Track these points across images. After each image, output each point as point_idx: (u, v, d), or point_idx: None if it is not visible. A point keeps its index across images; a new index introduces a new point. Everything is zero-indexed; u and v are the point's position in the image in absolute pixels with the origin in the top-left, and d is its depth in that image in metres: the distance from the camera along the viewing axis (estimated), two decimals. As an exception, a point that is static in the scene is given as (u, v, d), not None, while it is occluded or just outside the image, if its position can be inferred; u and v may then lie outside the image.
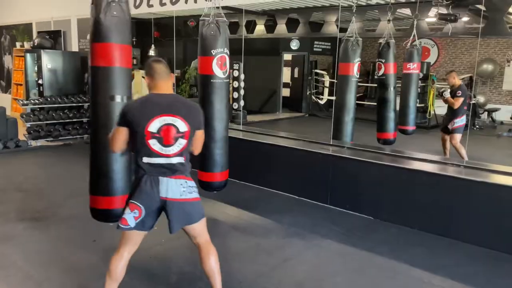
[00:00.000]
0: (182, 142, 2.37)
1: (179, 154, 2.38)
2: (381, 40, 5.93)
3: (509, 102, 11.38)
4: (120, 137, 2.38)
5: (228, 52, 4.07)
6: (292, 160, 5.00)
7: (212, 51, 3.99)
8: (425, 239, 3.86)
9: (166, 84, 2.45)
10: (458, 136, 5.90)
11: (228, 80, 4.24)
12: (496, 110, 10.55)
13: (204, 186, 4.29)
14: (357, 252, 3.57)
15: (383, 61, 5.97)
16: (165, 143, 2.33)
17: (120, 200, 2.97)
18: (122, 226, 2.36)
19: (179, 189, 2.36)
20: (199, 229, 2.50)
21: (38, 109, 7.47)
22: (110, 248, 3.43)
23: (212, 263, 2.52)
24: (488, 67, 11.52)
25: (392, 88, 6.07)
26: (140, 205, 2.33)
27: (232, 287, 2.92)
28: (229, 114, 8.68)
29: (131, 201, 2.35)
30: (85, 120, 7.66)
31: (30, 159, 6.60)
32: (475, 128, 9.57)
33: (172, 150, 2.35)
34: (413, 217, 4.09)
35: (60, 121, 7.50)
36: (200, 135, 2.54)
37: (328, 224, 4.13)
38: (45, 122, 7.39)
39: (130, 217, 2.34)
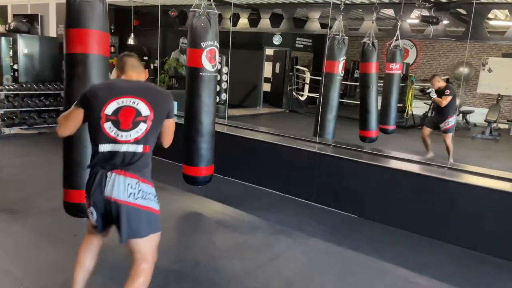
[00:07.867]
0: (142, 127, 2.07)
1: (138, 141, 2.07)
2: (365, 40, 5.94)
3: (482, 105, 11.69)
4: (73, 119, 2.11)
5: (218, 46, 4.00)
6: (277, 157, 4.97)
7: (202, 44, 3.91)
8: (408, 238, 3.91)
9: (137, 75, 2.24)
10: (451, 135, 6.16)
11: (216, 74, 4.18)
12: (470, 112, 10.82)
13: (189, 180, 4.25)
14: (343, 251, 3.59)
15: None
16: (122, 127, 2.05)
17: None
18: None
19: (125, 189, 2.03)
20: (143, 247, 2.08)
21: (13, 96, 7.16)
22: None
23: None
24: (464, 70, 11.79)
25: (372, 87, 6.15)
26: (91, 202, 2.08)
27: (221, 285, 2.89)
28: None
29: (86, 195, 2.13)
30: (61, 108, 7.39)
31: (4, 147, 6.33)
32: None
33: (130, 136, 2.05)
34: (396, 216, 4.14)
35: (36, 108, 7.22)
36: (170, 124, 2.24)
37: (313, 222, 4.13)
38: (19, 109, 7.10)
39: (89, 212, 2.14)
